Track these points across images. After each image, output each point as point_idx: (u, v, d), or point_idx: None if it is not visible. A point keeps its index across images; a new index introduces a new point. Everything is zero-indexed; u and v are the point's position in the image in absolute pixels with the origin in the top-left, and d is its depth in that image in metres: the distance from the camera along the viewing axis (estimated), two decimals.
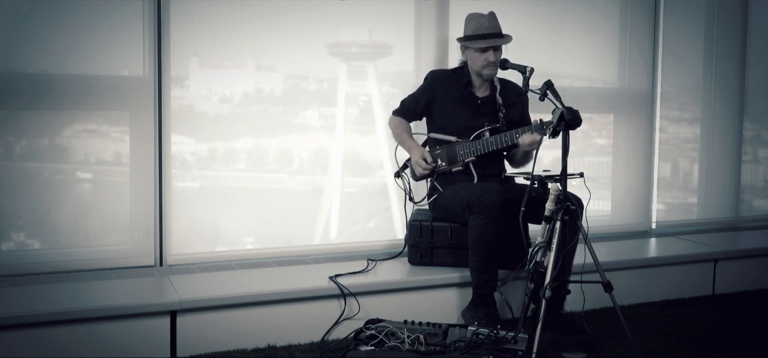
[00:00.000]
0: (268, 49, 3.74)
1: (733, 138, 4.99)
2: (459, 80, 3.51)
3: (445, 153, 3.48)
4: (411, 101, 3.59)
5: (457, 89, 3.50)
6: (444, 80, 3.55)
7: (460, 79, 3.50)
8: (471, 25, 3.42)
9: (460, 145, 3.45)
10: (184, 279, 3.27)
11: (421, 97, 3.56)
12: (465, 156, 3.44)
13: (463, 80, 3.49)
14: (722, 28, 4.90)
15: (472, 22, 3.42)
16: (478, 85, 3.50)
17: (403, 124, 3.59)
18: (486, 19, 3.39)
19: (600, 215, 4.59)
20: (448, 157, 3.47)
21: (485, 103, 3.49)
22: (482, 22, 3.39)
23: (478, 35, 3.38)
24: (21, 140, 3.35)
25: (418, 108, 3.56)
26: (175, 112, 3.55)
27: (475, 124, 3.46)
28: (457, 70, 3.56)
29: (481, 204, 3.18)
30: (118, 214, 3.49)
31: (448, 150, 3.47)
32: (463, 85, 3.49)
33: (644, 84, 4.64)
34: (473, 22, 3.41)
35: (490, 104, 3.49)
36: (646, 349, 3.08)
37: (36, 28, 3.29)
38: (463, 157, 3.45)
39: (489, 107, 3.49)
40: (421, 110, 3.57)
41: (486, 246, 3.18)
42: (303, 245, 3.86)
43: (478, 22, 3.39)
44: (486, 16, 3.40)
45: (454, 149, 3.46)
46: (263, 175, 3.81)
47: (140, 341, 2.88)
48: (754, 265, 4.17)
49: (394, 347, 2.76)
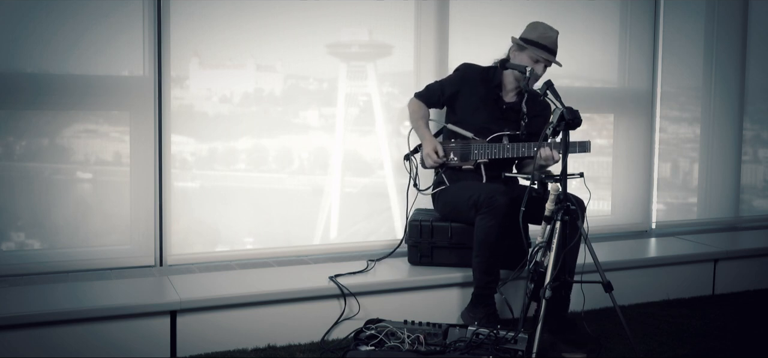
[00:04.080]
0: (268, 49, 3.74)
1: (733, 138, 4.99)
2: (490, 81, 3.49)
3: (458, 149, 3.47)
4: (437, 88, 3.58)
5: (485, 88, 3.48)
6: (474, 76, 3.53)
7: (492, 80, 3.49)
8: (537, 31, 3.39)
9: (476, 144, 3.44)
10: (184, 279, 3.27)
11: (449, 88, 3.55)
12: (479, 156, 3.43)
13: (494, 81, 3.48)
14: (722, 28, 4.90)
15: (538, 28, 3.40)
16: (508, 90, 3.49)
17: (422, 110, 3.58)
18: (553, 34, 3.39)
19: (600, 215, 4.59)
20: (461, 154, 3.46)
21: (510, 109, 3.48)
22: (551, 36, 3.38)
23: (542, 45, 3.36)
24: (21, 140, 3.35)
25: (443, 97, 3.55)
26: (175, 112, 3.55)
27: (496, 127, 3.45)
28: (490, 70, 3.53)
29: (490, 205, 3.17)
30: (118, 214, 3.49)
31: (462, 146, 3.46)
32: (493, 87, 3.48)
33: (644, 84, 4.64)
34: (540, 30, 3.39)
35: (514, 111, 3.48)
36: (646, 349, 3.08)
37: (36, 28, 3.29)
38: (476, 157, 3.44)
39: (513, 114, 3.48)
40: (446, 100, 3.56)
41: (490, 247, 3.18)
42: (303, 245, 3.86)
43: (545, 33, 3.38)
44: (554, 31, 3.39)
45: (469, 147, 3.45)
46: (263, 175, 3.81)
47: (140, 341, 2.88)
48: (754, 265, 4.17)
49: (394, 347, 2.76)
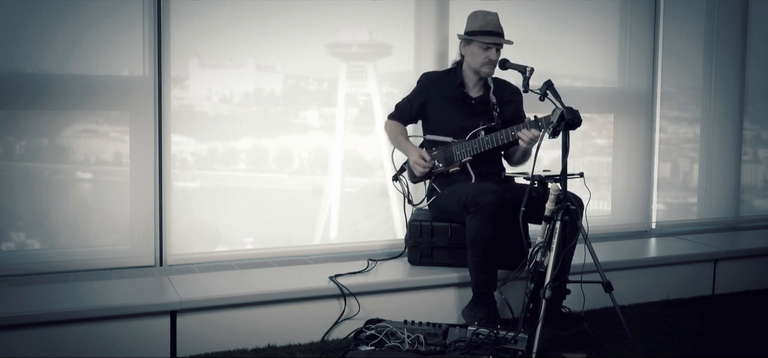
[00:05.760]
0: (268, 49, 3.74)
1: (733, 138, 4.99)
2: (452, 81, 3.49)
3: (441, 154, 3.47)
4: (405, 104, 3.58)
5: (450, 90, 3.48)
6: (436, 82, 3.53)
7: (453, 80, 3.49)
8: (477, 21, 3.40)
9: (456, 145, 3.44)
10: (184, 279, 3.26)
11: (415, 100, 3.55)
12: (461, 156, 3.43)
13: (456, 81, 3.49)
14: (722, 28, 4.90)
15: (478, 18, 3.40)
16: (472, 85, 3.49)
17: (399, 128, 3.58)
18: (493, 17, 3.39)
19: (600, 215, 4.59)
20: (444, 158, 3.46)
21: (479, 103, 3.48)
22: (490, 19, 3.38)
23: (484, 31, 3.37)
24: (21, 140, 3.35)
25: (413, 111, 3.55)
26: (175, 112, 3.55)
27: (470, 124, 3.44)
28: (450, 72, 3.55)
29: (477, 204, 3.17)
30: (118, 214, 3.49)
31: (444, 151, 3.47)
32: (456, 86, 3.48)
33: (644, 84, 4.64)
34: (480, 19, 3.40)
35: (484, 104, 3.48)
36: (646, 349, 3.08)
37: (36, 28, 3.29)
38: (459, 158, 3.44)
39: (483, 107, 3.47)
40: (416, 113, 3.56)
41: (483, 246, 3.18)
42: (303, 245, 3.86)
43: (485, 19, 3.38)
44: (493, 14, 3.39)
45: (451, 150, 3.45)
46: (263, 175, 3.81)
47: (140, 341, 2.87)
48: (754, 265, 4.16)
49: (394, 347, 2.76)
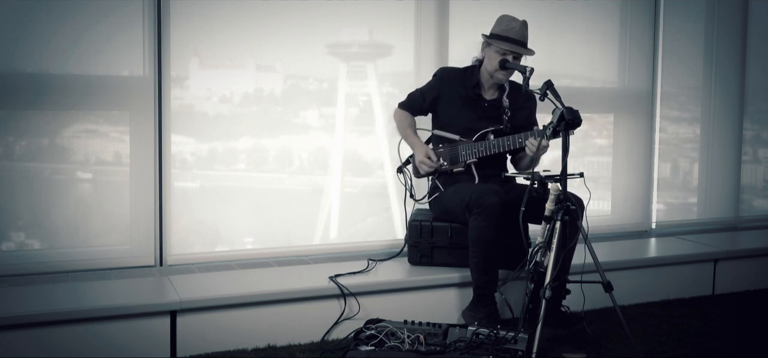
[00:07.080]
0: (268, 49, 3.74)
1: (733, 138, 4.99)
2: (468, 81, 3.47)
3: (447, 153, 3.47)
4: (418, 95, 3.55)
5: (465, 89, 3.47)
6: (453, 79, 3.51)
7: (470, 80, 3.47)
8: (501, 25, 3.37)
9: (463, 145, 3.43)
10: (184, 279, 3.26)
11: (429, 93, 3.52)
12: (467, 157, 3.43)
13: (472, 81, 3.46)
14: (722, 28, 4.90)
15: (503, 22, 3.37)
16: (487, 88, 3.47)
17: (408, 119, 3.56)
18: (518, 24, 3.34)
19: (600, 215, 4.59)
20: (450, 157, 3.46)
21: (492, 106, 3.46)
22: (513, 27, 3.34)
23: (505, 37, 3.34)
24: (21, 140, 3.35)
25: (425, 103, 3.53)
26: (175, 112, 3.55)
27: (480, 125, 3.43)
28: (467, 70, 3.52)
29: (481, 205, 3.17)
30: (118, 214, 3.49)
31: (450, 150, 3.46)
32: (472, 86, 3.46)
33: (644, 84, 4.64)
34: (504, 23, 3.36)
35: (496, 107, 3.45)
36: (646, 349, 3.08)
37: (36, 28, 3.29)
38: (465, 158, 3.43)
39: (495, 110, 3.45)
40: (428, 106, 3.54)
41: (485, 247, 3.18)
42: (303, 245, 3.86)
43: (510, 25, 3.34)
44: (519, 22, 3.35)
45: (457, 150, 3.44)
46: (263, 176, 3.81)
47: (140, 341, 2.87)
48: (754, 265, 4.16)
49: (394, 347, 2.75)
